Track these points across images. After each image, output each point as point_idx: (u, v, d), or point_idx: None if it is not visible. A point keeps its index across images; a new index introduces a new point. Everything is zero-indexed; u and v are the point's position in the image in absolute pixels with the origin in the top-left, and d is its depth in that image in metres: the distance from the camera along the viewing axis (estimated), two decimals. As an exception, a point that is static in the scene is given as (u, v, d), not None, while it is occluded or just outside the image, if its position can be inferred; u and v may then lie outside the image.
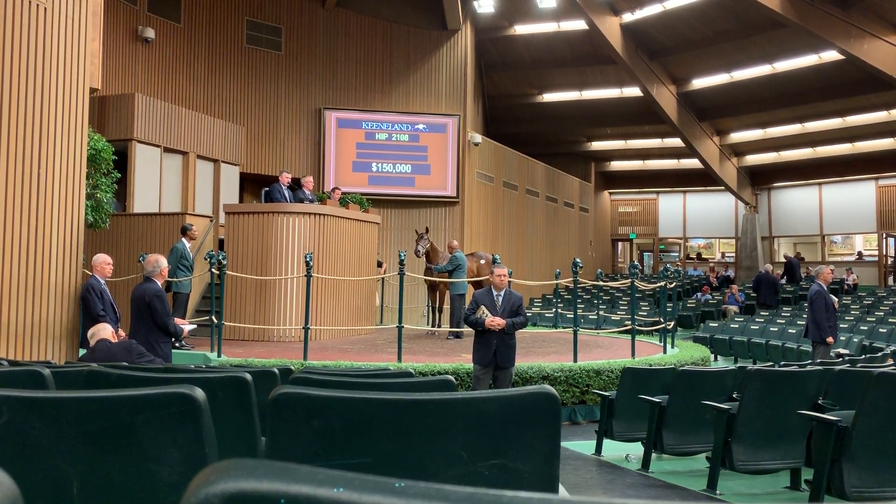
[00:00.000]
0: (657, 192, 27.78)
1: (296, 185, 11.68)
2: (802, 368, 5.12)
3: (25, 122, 6.55)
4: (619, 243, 29.39)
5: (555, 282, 13.66)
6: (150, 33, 15.12)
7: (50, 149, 6.76)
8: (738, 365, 9.04)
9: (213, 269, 8.91)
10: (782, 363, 8.10)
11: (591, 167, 26.93)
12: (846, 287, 19.86)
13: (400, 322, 8.69)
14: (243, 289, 10.48)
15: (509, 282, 6.54)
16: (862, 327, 13.19)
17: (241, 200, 16.00)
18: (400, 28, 18.64)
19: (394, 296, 14.12)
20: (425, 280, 12.06)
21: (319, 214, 10.98)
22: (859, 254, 23.49)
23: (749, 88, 20.98)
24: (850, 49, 16.40)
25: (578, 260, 9.09)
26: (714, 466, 4.74)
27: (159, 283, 6.24)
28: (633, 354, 9.33)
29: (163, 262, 6.31)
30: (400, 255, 9.09)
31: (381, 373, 3.90)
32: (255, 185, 15.64)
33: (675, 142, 23.77)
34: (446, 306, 12.33)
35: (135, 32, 15.01)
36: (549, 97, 23.75)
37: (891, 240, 22.73)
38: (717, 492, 4.70)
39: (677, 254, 28.02)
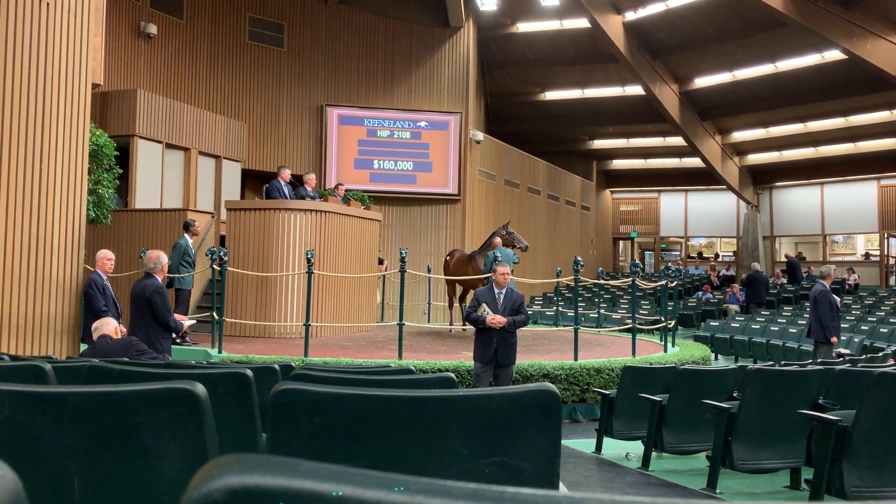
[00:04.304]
0: (659, 191, 27.77)
1: (297, 182, 11.68)
2: (803, 368, 5.12)
3: (27, 116, 6.55)
4: (621, 242, 29.38)
5: (556, 280, 13.65)
6: (153, 29, 15.12)
7: (52, 144, 6.76)
8: (738, 364, 9.04)
9: (214, 266, 8.91)
10: (783, 362, 8.10)
11: (593, 166, 26.91)
12: (847, 287, 19.84)
13: (401, 319, 8.69)
14: (244, 285, 10.48)
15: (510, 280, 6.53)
16: (863, 327, 13.19)
17: (242, 197, 16.00)
18: (402, 25, 18.62)
19: (395, 293, 14.12)
20: (460, 281, 11.90)
21: (321, 211, 10.97)
22: (866, 254, 23.45)
23: (751, 88, 20.95)
24: (852, 49, 16.38)
25: (580, 258, 9.09)
26: (714, 465, 4.74)
27: (160, 279, 6.25)
28: (633, 353, 9.33)
29: (164, 258, 6.31)
30: (401, 253, 9.09)
31: (381, 370, 3.90)
32: (257, 182, 15.65)
33: (677, 141, 23.75)
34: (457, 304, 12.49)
35: (137, 28, 15.00)
36: (551, 95, 23.73)
37: (892, 240, 22.71)
38: (717, 491, 4.70)
39: (679, 252, 28.01)
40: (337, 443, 1.52)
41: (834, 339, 8.97)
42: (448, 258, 12.69)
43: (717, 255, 27.16)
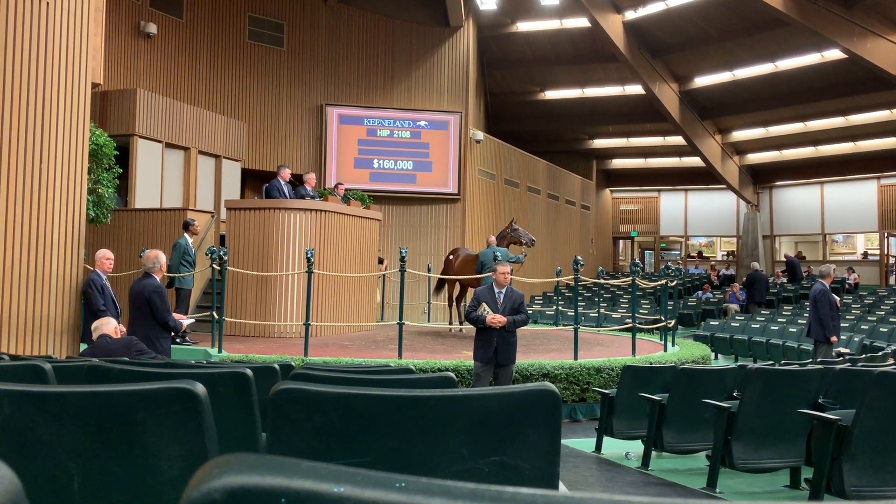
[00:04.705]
0: (658, 191, 27.76)
1: (297, 181, 11.67)
2: (803, 367, 5.11)
3: (27, 116, 6.55)
4: (621, 241, 29.38)
5: (556, 279, 13.65)
6: (153, 28, 15.11)
7: (52, 143, 6.76)
8: (738, 363, 9.04)
9: (214, 265, 8.91)
10: (783, 362, 8.10)
11: (593, 165, 26.91)
12: (847, 286, 19.84)
13: (401, 319, 8.69)
14: (244, 285, 10.49)
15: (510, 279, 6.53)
16: (863, 326, 13.19)
17: (242, 196, 16.00)
18: (402, 24, 18.61)
19: (394, 292, 14.13)
20: (460, 280, 11.81)
21: (320, 211, 10.98)
22: (866, 254, 23.44)
23: (751, 87, 20.95)
24: (852, 48, 16.37)
25: (579, 257, 9.09)
26: (714, 465, 4.74)
27: (158, 279, 6.25)
28: (633, 352, 9.33)
29: (162, 257, 6.31)
30: (401, 252, 9.09)
31: (381, 369, 3.90)
32: (257, 181, 15.64)
33: (677, 140, 23.74)
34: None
35: (137, 27, 15.00)
36: (551, 94, 23.72)
37: (892, 239, 22.70)
38: (717, 490, 4.70)
39: (679, 252, 28.01)
40: (337, 442, 1.52)
41: (833, 339, 8.96)
42: (451, 257, 12.64)
43: (729, 254, 26.94)
